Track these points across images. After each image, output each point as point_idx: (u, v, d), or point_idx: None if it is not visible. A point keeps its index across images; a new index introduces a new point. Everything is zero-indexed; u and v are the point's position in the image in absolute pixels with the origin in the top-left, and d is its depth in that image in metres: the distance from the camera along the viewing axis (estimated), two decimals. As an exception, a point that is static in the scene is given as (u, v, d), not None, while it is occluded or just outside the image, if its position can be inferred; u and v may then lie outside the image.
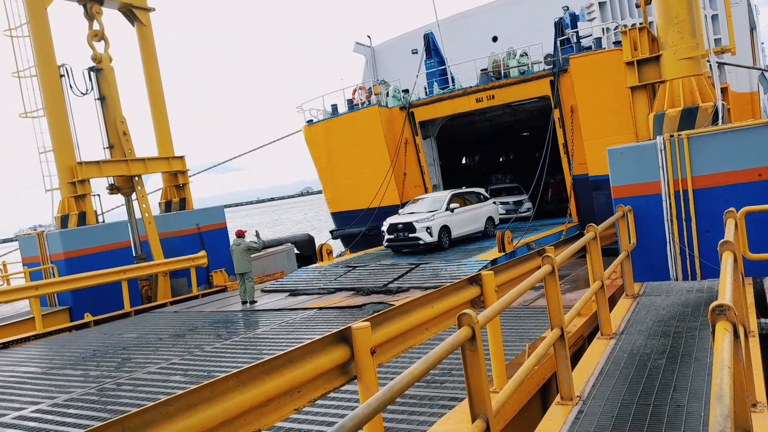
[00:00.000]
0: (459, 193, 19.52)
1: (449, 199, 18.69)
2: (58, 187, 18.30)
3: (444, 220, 18.04)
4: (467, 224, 19.05)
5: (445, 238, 17.94)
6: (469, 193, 20.09)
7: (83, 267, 16.57)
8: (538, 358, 5.06)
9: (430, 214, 17.91)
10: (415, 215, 18.24)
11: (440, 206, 18.36)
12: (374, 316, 4.79)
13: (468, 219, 19.13)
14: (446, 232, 18.07)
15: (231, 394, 3.47)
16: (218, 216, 21.62)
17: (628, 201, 10.87)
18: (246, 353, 9.94)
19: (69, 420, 7.50)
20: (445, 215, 18.16)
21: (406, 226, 17.87)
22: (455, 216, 18.43)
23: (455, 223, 18.44)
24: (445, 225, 18.04)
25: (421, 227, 17.63)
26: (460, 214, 18.68)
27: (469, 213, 19.18)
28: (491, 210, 20.30)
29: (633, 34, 12.08)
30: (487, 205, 20.17)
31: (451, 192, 19.25)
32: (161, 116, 21.36)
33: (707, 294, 9.19)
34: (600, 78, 17.83)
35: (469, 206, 19.29)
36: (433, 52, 24.03)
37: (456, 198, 19.02)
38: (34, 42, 17.81)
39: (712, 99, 11.30)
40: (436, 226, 17.68)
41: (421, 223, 17.68)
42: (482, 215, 19.75)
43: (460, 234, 18.61)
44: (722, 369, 2.45)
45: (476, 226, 19.40)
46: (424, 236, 17.51)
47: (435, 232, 17.56)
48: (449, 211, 18.28)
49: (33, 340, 13.67)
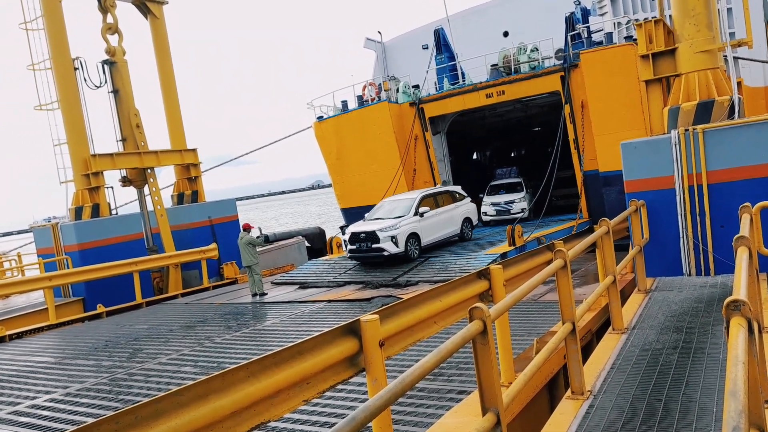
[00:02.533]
0: (431, 194, 17.64)
1: (418, 202, 16.77)
2: (72, 179, 18.47)
3: (412, 226, 16.15)
4: (440, 228, 17.29)
5: (413, 248, 16.10)
6: (442, 193, 18.25)
7: (97, 258, 16.74)
8: (548, 353, 5.03)
9: (396, 221, 16.00)
10: (380, 222, 16.27)
11: (408, 210, 16.51)
12: (383, 309, 4.79)
13: (441, 222, 17.36)
14: (415, 240, 16.22)
15: (241, 384, 3.48)
16: (230, 209, 21.71)
17: (641, 195, 10.77)
18: (255, 345, 10.00)
19: (81, 409, 7.58)
20: (414, 221, 16.26)
21: (368, 235, 15.82)
22: (425, 221, 16.59)
23: (426, 228, 16.63)
24: (414, 232, 16.18)
25: (385, 237, 15.64)
26: (432, 218, 16.88)
27: (442, 216, 17.40)
28: (468, 210, 18.70)
29: (648, 26, 11.93)
30: (463, 204, 18.52)
31: (422, 193, 17.37)
32: (174, 109, 21.47)
33: (721, 290, 9.11)
34: (611, 73, 17.65)
35: (443, 208, 17.53)
36: (443, 48, 23.89)
37: (427, 199, 17.21)
38: (48, 35, 17.94)
39: (729, 93, 11.15)
40: (402, 234, 15.78)
41: (386, 231, 15.70)
42: (457, 216, 18.04)
43: (431, 240, 16.87)
44: (736, 364, 2.43)
45: (451, 229, 17.71)
46: (389, 247, 15.57)
47: (401, 241, 15.68)
48: (418, 216, 16.39)
49: (47, 330, 13.83)
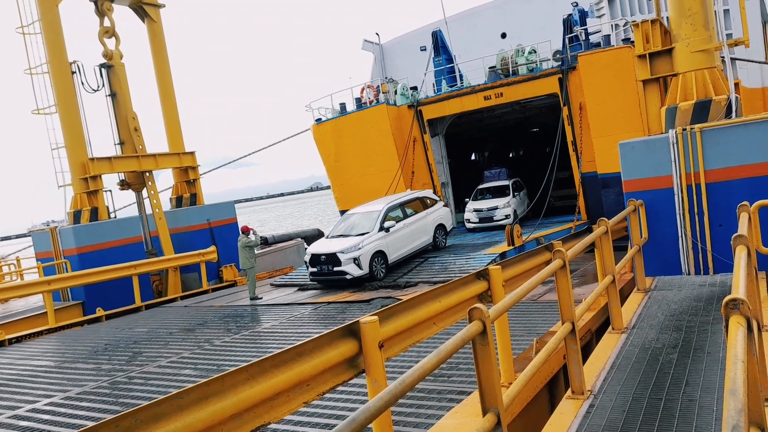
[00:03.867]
0: (397, 204, 16.20)
1: (383, 216, 15.30)
2: (71, 183, 18.46)
3: (377, 244, 14.79)
4: (409, 241, 15.87)
5: (379, 267, 14.77)
6: (411, 200, 16.80)
7: (95, 262, 16.73)
8: (548, 353, 5.03)
9: (358, 240, 14.71)
10: (342, 241, 14.95)
11: (372, 226, 15.14)
12: (382, 311, 4.79)
13: (410, 234, 15.92)
14: (381, 258, 14.85)
15: (241, 387, 3.49)
16: (228, 211, 21.71)
17: (639, 195, 10.79)
18: (255, 347, 9.99)
19: (81, 413, 7.57)
20: (378, 237, 14.91)
21: (329, 257, 14.60)
22: (392, 236, 15.22)
23: (393, 244, 15.24)
24: (379, 250, 14.81)
25: (347, 258, 14.40)
26: (399, 231, 15.49)
27: (412, 227, 16.01)
28: (441, 216, 17.32)
29: (645, 26, 11.96)
30: (435, 210, 17.15)
31: (387, 204, 15.84)
32: (172, 112, 21.47)
33: (720, 288, 9.12)
34: (609, 75, 17.69)
35: (412, 218, 16.14)
36: (441, 50, 23.92)
37: (393, 211, 15.82)
38: (45, 39, 17.94)
39: (726, 92, 11.18)
40: (366, 254, 14.48)
41: (347, 253, 14.45)
42: (429, 224, 16.68)
43: (400, 256, 15.51)
44: (736, 363, 2.43)
45: (422, 239, 16.36)
46: (351, 269, 14.36)
47: (365, 262, 14.41)
48: (383, 231, 15.02)
49: (46, 334, 13.81)
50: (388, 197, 17.18)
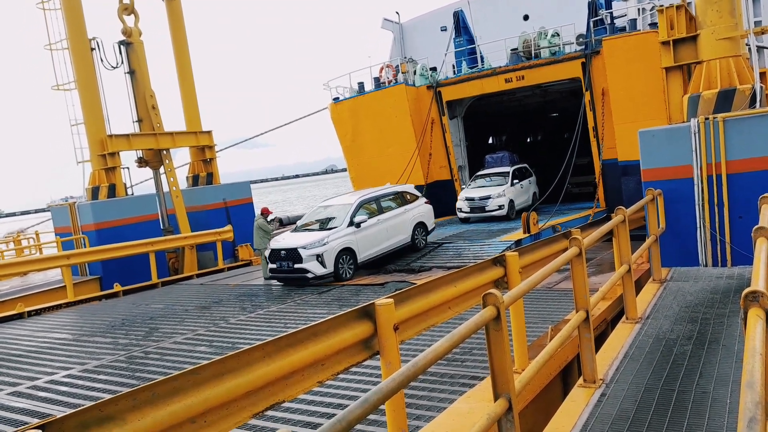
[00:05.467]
0: (373, 197, 14.81)
1: (354, 209, 14.01)
2: (89, 159, 18.65)
3: (344, 240, 13.52)
4: (383, 239, 14.44)
5: (346, 266, 13.55)
6: (388, 195, 15.33)
7: (113, 238, 16.95)
8: (562, 340, 5.03)
9: (324, 234, 13.46)
10: (306, 236, 13.76)
11: (342, 220, 13.85)
12: (398, 294, 4.80)
13: (384, 231, 14.47)
14: (349, 256, 13.61)
15: (257, 365, 3.52)
16: (244, 191, 21.85)
17: (658, 184, 10.66)
18: (269, 326, 10.10)
19: (99, 385, 7.72)
20: (347, 233, 13.62)
21: (289, 253, 13.37)
22: (363, 232, 13.88)
23: (363, 241, 13.90)
24: (347, 247, 13.55)
25: (308, 255, 13.12)
26: (372, 227, 14.11)
27: (387, 223, 14.58)
28: (422, 213, 15.75)
29: (670, 12, 11.74)
30: (416, 207, 15.64)
31: (360, 198, 14.52)
32: (189, 91, 21.54)
33: (738, 281, 9.02)
34: (634, 61, 17.38)
35: (388, 214, 14.71)
36: (462, 30, 23.66)
37: (368, 205, 14.53)
38: (65, 15, 18.01)
39: (750, 81, 10.96)
40: (331, 251, 13.22)
41: (310, 249, 13.17)
42: (408, 222, 15.18)
43: (371, 255, 14.16)
44: (754, 356, 2.41)
45: (399, 238, 14.90)
46: (314, 267, 13.13)
47: (329, 259, 13.19)
48: (353, 227, 13.72)
49: (64, 308, 14.07)
50: (363, 190, 15.78)
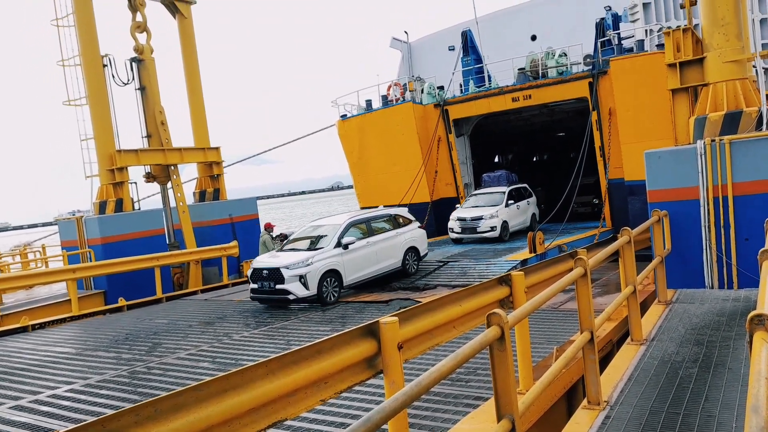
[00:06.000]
0: (362, 220, 14.44)
1: (343, 230, 13.62)
2: (98, 174, 18.80)
3: (330, 262, 13.01)
4: (372, 262, 14.00)
5: (330, 289, 12.99)
6: (380, 217, 15.01)
7: (119, 252, 17.03)
8: (566, 361, 5.00)
9: (308, 255, 13.01)
10: (290, 256, 13.27)
11: (328, 241, 13.42)
12: (402, 312, 4.80)
13: (374, 255, 14.07)
14: (334, 278, 13.09)
15: (260, 382, 3.52)
16: (251, 207, 21.95)
17: (664, 206, 10.65)
18: (273, 343, 10.07)
19: (101, 400, 7.70)
20: (333, 254, 13.15)
21: (272, 273, 12.86)
22: (351, 254, 13.43)
23: (351, 263, 13.43)
24: (333, 269, 13.05)
25: (291, 276, 12.62)
26: (361, 249, 13.69)
27: (377, 246, 14.14)
28: (415, 237, 15.31)
29: (676, 35, 11.81)
30: (408, 231, 15.18)
31: (350, 219, 14.18)
32: (198, 108, 21.76)
33: (744, 303, 8.96)
34: (641, 81, 17.46)
35: (378, 236, 14.31)
36: (470, 50, 23.87)
37: (358, 226, 14.15)
38: (79, 32, 18.31)
39: (757, 104, 10.98)
40: (315, 272, 12.70)
41: (293, 269, 12.66)
42: (399, 246, 14.74)
43: (359, 278, 13.69)
44: (759, 380, 2.40)
45: (388, 262, 14.43)
46: (296, 288, 12.59)
47: (313, 281, 12.65)
48: (340, 248, 13.26)
49: (69, 322, 14.07)
50: (354, 212, 15.55)
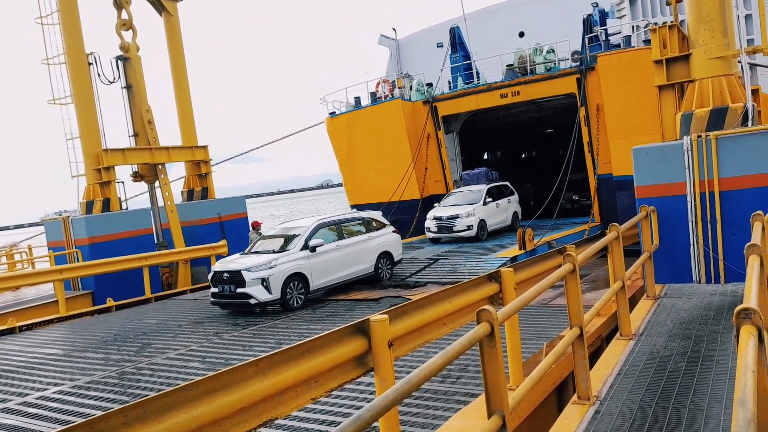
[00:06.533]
0: (334, 222, 13.94)
1: (311, 232, 13.10)
2: (84, 174, 18.64)
3: (295, 264, 12.45)
4: (342, 267, 13.44)
5: (296, 293, 12.43)
6: (352, 220, 14.57)
7: (106, 252, 16.90)
8: (556, 357, 5.02)
9: (272, 257, 12.41)
10: (253, 258, 12.69)
11: (294, 244, 12.86)
12: (392, 310, 4.80)
13: (344, 259, 13.49)
14: (300, 283, 12.50)
15: (250, 381, 3.51)
16: (239, 206, 21.86)
17: (651, 201, 10.72)
18: (263, 342, 10.04)
19: (90, 402, 7.64)
20: (299, 257, 12.59)
21: (232, 276, 12.28)
22: (319, 257, 12.88)
23: (318, 267, 12.85)
24: (298, 272, 12.49)
25: (253, 279, 12.02)
26: (330, 253, 13.14)
27: (347, 250, 13.63)
28: (388, 242, 14.83)
29: (662, 32, 11.88)
30: (382, 235, 14.70)
31: (319, 221, 13.67)
32: (186, 106, 21.62)
33: (731, 297, 9.04)
34: (628, 77, 17.58)
35: (349, 240, 13.85)
36: (458, 47, 23.91)
37: (327, 228, 13.57)
38: (63, 30, 18.12)
39: (743, 100, 11.08)
40: (278, 275, 12.12)
41: (254, 272, 12.06)
42: (371, 250, 14.25)
43: (327, 283, 13.17)
44: (746, 373, 2.42)
45: (359, 267, 13.94)
46: (257, 292, 11.98)
47: (276, 285, 12.07)
48: (307, 251, 12.74)
49: (56, 323, 13.93)
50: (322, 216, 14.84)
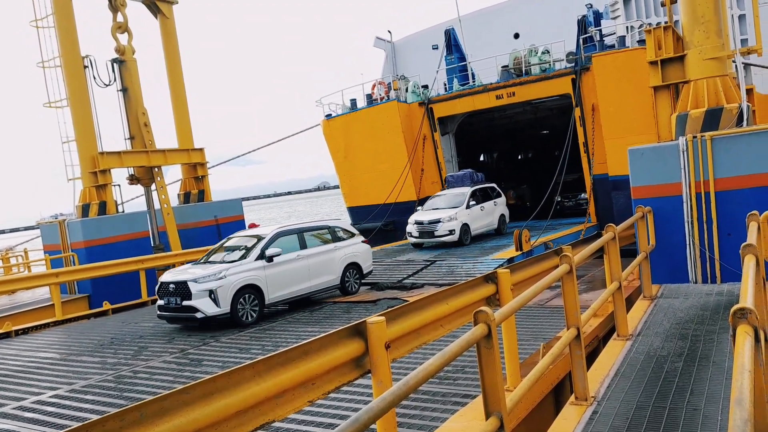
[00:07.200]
0: (295, 230, 12.87)
1: (269, 240, 12.08)
2: (80, 177, 18.58)
3: (248, 275, 11.47)
4: (304, 278, 12.44)
5: (249, 307, 11.44)
6: (316, 229, 13.44)
7: (103, 255, 16.83)
8: (553, 358, 5.03)
9: (222, 267, 11.44)
10: (203, 268, 11.70)
11: (249, 253, 11.90)
12: (389, 311, 4.79)
13: (305, 270, 12.47)
14: (253, 295, 11.52)
15: (247, 384, 3.49)
16: (236, 208, 21.82)
17: (648, 202, 10.75)
18: (260, 345, 10.02)
19: (86, 406, 7.62)
20: (254, 267, 11.61)
21: (179, 287, 11.30)
22: (276, 268, 11.89)
23: (276, 278, 11.86)
24: (252, 284, 11.50)
25: (200, 290, 11.04)
26: (289, 263, 12.17)
27: (310, 261, 12.59)
28: (357, 252, 13.81)
29: (657, 33, 11.92)
30: (349, 245, 13.71)
31: (278, 228, 12.68)
32: (182, 108, 21.57)
33: (727, 297, 9.07)
34: (623, 77, 17.65)
35: (312, 250, 12.80)
36: (453, 48, 23.97)
37: (288, 238, 12.51)
38: (59, 33, 18.06)
39: (737, 100, 11.12)
40: (228, 287, 11.13)
41: (202, 282, 11.09)
42: (337, 261, 13.26)
43: (285, 296, 12.16)
44: (742, 373, 2.42)
45: (324, 279, 12.93)
46: (204, 306, 11.00)
47: (225, 297, 11.08)
48: (263, 261, 11.74)
49: (52, 327, 13.89)
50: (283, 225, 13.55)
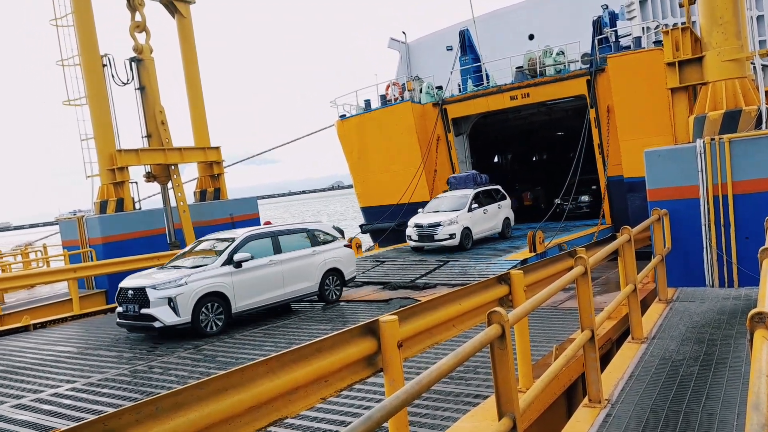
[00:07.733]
0: (268, 233, 11.91)
1: (238, 244, 11.12)
2: (98, 174, 18.81)
3: (212, 282, 10.51)
4: (277, 285, 11.46)
5: (212, 316, 10.53)
6: (292, 232, 12.39)
7: (120, 252, 17.04)
8: (566, 359, 5.01)
9: (183, 273, 10.60)
10: (165, 274, 10.87)
11: (215, 258, 10.97)
12: (402, 311, 4.81)
13: (279, 277, 11.49)
14: (218, 304, 10.59)
15: (260, 380, 3.53)
16: (251, 206, 21.98)
17: (664, 204, 10.65)
18: (273, 342, 10.08)
19: (102, 399, 7.71)
20: (219, 273, 10.67)
21: (137, 294, 10.47)
22: (245, 273, 10.94)
23: (244, 286, 10.88)
24: (217, 291, 10.55)
25: (158, 298, 10.19)
26: (260, 269, 11.18)
27: (283, 267, 11.59)
28: (337, 257, 12.81)
29: (675, 34, 11.80)
30: (330, 250, 12.71)
31: (248, 232, 11.74)
32: (198, 107, 21.77)
33: (744, 302, 8.97)
34: (638, 78, 17.50)
35: (287, 254, 11.79)
36: (468, 49, 23.91)
37: (259, 242, 11.53)
38: (78, 32, 18.31)
39: (756, 102, 10.98)
40: (189, 295, 10.23)
41: (161, 289, 10.24)
42: (315, 266, 12.26)
43: (255, 305, 11.17)
44: (760, 377, 2.40)
45: (300, 285, 11.95)
46: (163, 314, 10.15)
47: (185, 306, 10.18)
48: (231, 266, 10.82)
49: (70, 321, 14.06)
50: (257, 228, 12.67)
